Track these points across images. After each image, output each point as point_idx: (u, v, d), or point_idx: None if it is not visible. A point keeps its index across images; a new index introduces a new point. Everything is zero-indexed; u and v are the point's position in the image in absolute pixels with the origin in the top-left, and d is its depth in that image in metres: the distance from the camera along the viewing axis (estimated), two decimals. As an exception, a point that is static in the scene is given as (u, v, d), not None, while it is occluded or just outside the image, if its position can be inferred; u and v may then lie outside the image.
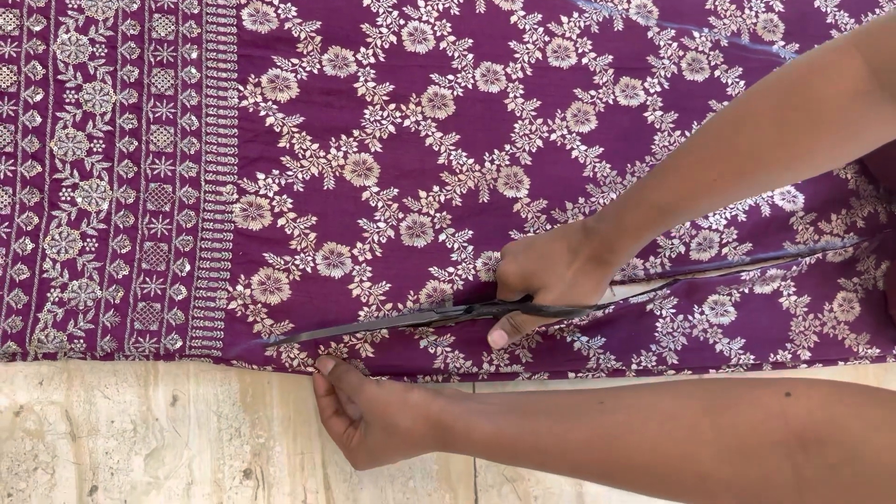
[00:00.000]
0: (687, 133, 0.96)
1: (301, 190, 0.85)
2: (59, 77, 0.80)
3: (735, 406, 0.59)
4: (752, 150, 0.65)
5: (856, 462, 0.52)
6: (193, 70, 0.84)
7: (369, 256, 0.86)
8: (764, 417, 0.56)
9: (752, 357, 0.93)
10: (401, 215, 0.88)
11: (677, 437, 0.60)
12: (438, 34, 0.91)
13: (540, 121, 0.93)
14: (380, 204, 0.87)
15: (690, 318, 0.92)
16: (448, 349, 0.86)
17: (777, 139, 0.64)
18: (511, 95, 0.92)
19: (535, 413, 0.69)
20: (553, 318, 0.80)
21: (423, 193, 0.89)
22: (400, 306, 0.86)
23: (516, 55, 0.93)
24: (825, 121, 0.61)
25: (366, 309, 0.85)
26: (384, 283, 0.86)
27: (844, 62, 0.59)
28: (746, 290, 0.94)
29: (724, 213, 0.95)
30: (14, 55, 0.80)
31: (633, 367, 0.90)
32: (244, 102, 0.85)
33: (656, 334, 0.91)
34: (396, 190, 0.88)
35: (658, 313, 0.92)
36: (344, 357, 0.83)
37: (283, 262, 0.83)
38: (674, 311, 0.92)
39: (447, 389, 0.76)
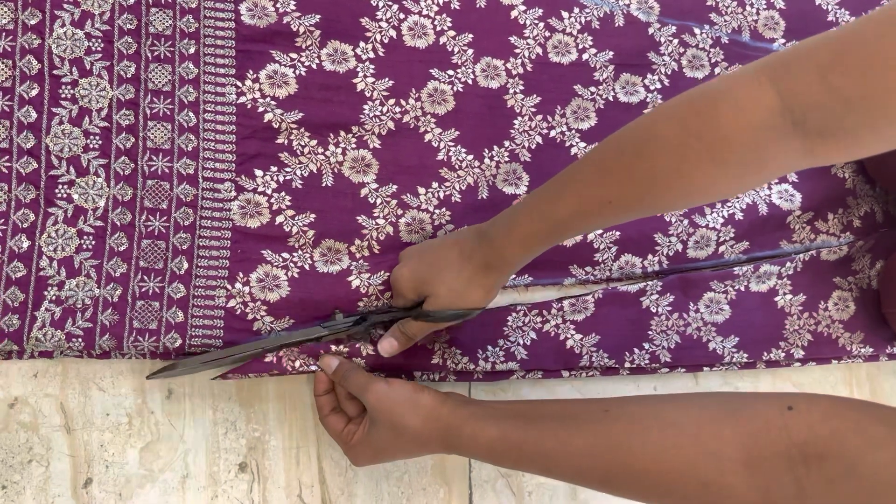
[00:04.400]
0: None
1: (299, 187, 0.85)
2: (54, 72, 0.79)
3: (738, 417, 0.59)
4: (652, 177, 0.63)
5: (855, 477, 0.53)
6: (191, 65, 0.83)
7: (367, 253, 0.86)
8: (766, 429, 0.57)
9: (745, 355, 0.93)
10: (400, 212, 0.87)
11: (680, 445, 0.60)
12: (438, 29, 0.90)
13: (539, 117, 0.92)
14: (378, 200, 0.87)
15: (685, 315, 0.93)
16: (445, 345, 0.86)
17: (678, 167, 0.61)
18: (511, 91, 0.92)
19: (541, 418, 0.70)
20: (442, 322, 0.79)
21: (422, 190, 0.88)
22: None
23: (517, 50, 0.92)
24: (730, 152, 0.59)
25: (365, 300, 0.85)
26: (383, 272, 0.86)
27: (756, 94, 0.57)
28: (742, 288, 0.94)
29: (722, 211, 0.95)
30: (9, 49, 0.78)
31: (627, 364, 0.91)
32: (242, 98, 0.84)
33: (650, 332, 0.92)
34: (395, 186, 0.88)
35: (654, 311, 0.92)
36: (345, 356, 0.83)
37: (281, 260, 0.83)
38: (669, 308, 0.92)
39: (454, 394, 0.76)
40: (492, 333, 0.88)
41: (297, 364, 0.82)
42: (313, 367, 0.83)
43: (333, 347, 0.83)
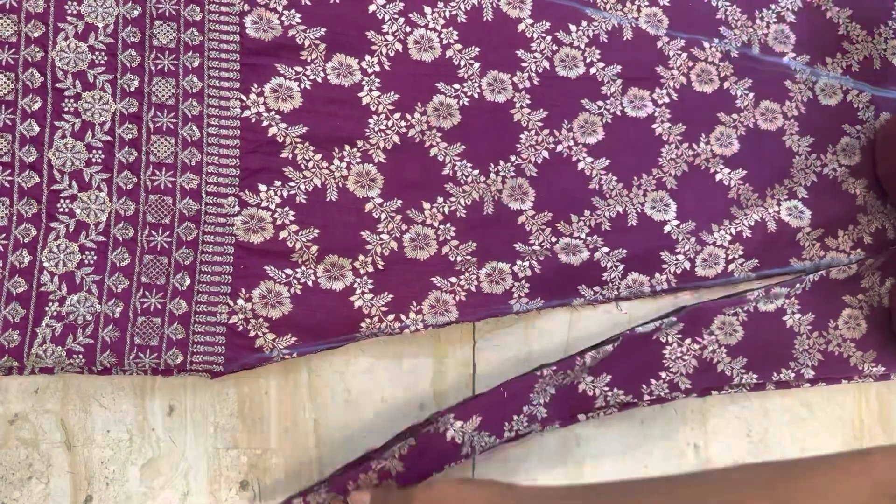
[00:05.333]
0: (695, 146, 0.94)
1: (303, 202, 0.84)
2: (57, 85, 0.79)
3: (812, 469, 0.57)
4: None
5: None
6: (195, 79, 0.82)
7: (371, 269, 0.85)
8: (846, 476, 0.55)
9: (754, 377, 0.92)
10: (404, 227, 0.87)
11: (755, 498, 0.58)
12: (445, 42, 0.90)
13: (546, 132, 0.91)
14: (383, 216, 0.86)
15: (699, 339, 0.91)
16: (475, 433, 0.83)
17: None
18: (517, 105, 0.91)
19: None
20: None
21: (426, 205, 0.88)
22: (402, 317, 0.85)
23: (524, 64, 0.92)
24: None
25: (367, 320, 0.84)
26: (386, 293, 0.85)
27: None
28: (751, 309, 0.93)
29: (730, 228, 0.94)
30: (11, 62, 0.78)
31: (646, 397, 0.90)
32: (247, 112, 0.83)
33: (664, 361, 0.90)
34: (400, 201, 0.87)
35: (664, 340, 0.91)
36: (375, 483, 0.79)
37: (284, 276, 0.82)
38: (680, 336, 0.91)
39: (494, 481, 0.74)
40: (517, 403, 0.86)
41: None
42: None
43: (362, 476, 0.79)
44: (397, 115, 0.88)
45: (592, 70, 0.94)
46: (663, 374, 0.90)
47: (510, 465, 0.90)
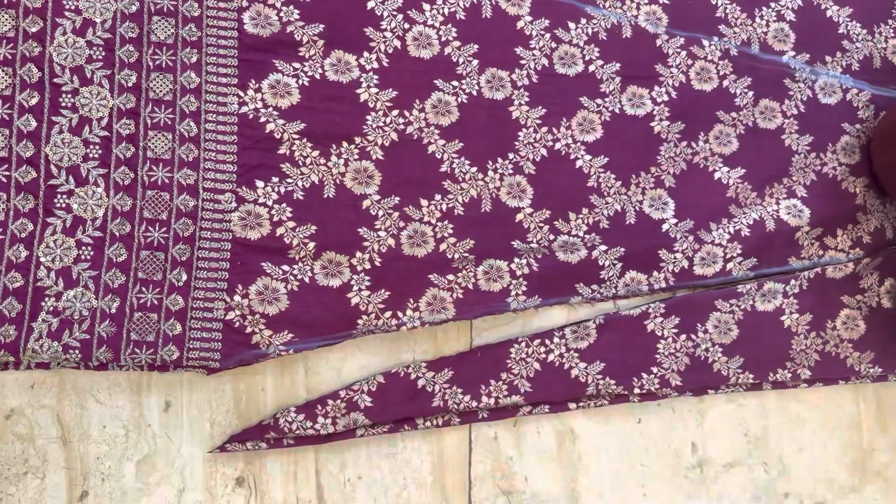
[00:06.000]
0: (693, 144, 0.94)
1: (301, 198, 0.84)
2: (55, 80, 0.79)
3: None
4: None
5: None
6: (193, 74, 0.82)
7: (368, 266, 0.85)
8: None
9: (751, 376, 0.92)
10: (402, 224, 0.86)
11: None
12: (443, 39, 0.89)
13: (545, 129, 0.91)
14: (380, 212, 0.86)
15: (693, 337, 0.91)
16: (446, 385, 0.86)
17: None
18: (516, 103, 0.91)
19: None
20: None
21: (424, 202, 0.87)
22: (399, 314, 0.85)
23: (522, 61, 0.91)
24: None
25: (364, 317, 0.84)
26: (383, 290, 0.85)
27: None
28: (748, 307, 0.93)
29: (728, 227, 0.94)
30: (9, 57, 0.78)
31: (636, 391, 0.90)
32: (244, 108, 0.83)
33: (657, 356, 0.91)
34: (398, 198, 0.87)
35: (659, 334, 0.91)
36: (342, 412, 0.84)
37: (281, 273, 0.82)
38: (675, 331, 0.91)
39: None
40: (494, 368, 0.88)
41: (294, 426, 0.84)
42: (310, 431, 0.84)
43: (331, 401, 0.84)
44: (395, 112, 0.87)
45: (591, 68, 0.93)
46: (655, 370, 0.91)
47: (507, 461, 0.90)
